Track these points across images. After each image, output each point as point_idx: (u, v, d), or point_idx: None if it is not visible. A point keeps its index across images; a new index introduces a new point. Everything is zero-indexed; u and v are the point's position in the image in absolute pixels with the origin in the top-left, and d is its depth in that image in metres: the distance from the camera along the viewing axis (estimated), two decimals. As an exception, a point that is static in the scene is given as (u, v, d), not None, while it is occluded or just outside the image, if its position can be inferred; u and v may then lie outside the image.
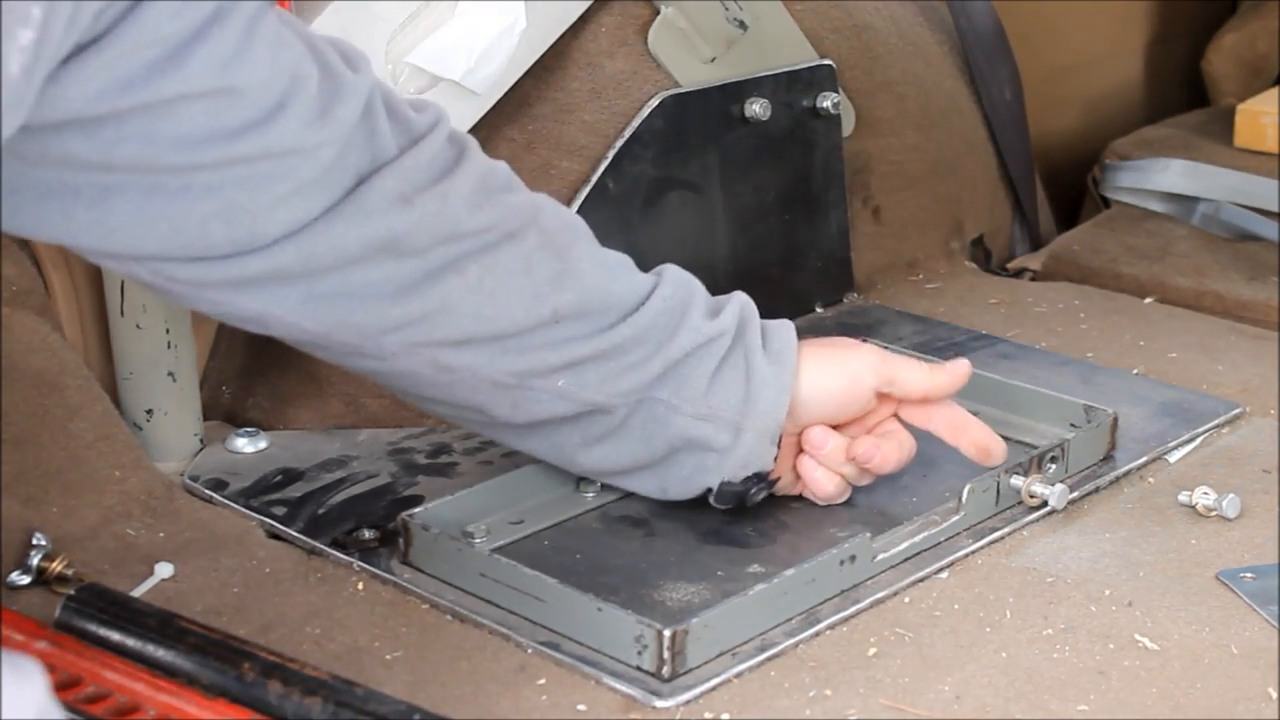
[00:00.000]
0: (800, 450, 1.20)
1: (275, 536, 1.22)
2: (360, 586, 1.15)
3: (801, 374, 1.17)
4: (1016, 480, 1.23)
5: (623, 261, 1.16)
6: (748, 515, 1.22)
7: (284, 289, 1.03)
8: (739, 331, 1.16)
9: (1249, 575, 1.15)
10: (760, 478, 1.18)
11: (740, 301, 1.18)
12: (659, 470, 1.17)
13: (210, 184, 0.96)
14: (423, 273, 1.06)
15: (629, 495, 1.25)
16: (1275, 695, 1.03)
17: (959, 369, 1.21)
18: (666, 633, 1.03)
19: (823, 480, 1.20)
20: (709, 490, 1.18)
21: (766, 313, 1.20)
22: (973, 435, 1.21)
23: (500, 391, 1.11)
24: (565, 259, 1.11)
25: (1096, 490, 1.27)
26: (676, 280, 1.16)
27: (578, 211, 1.37)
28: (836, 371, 1.18)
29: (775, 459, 1.17)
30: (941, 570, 1.17)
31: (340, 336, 1.07)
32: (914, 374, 1.20)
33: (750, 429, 1.15)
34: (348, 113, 1.01)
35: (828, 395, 1.18)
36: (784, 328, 1.19)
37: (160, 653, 1.01)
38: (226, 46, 0.93)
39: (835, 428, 1.19)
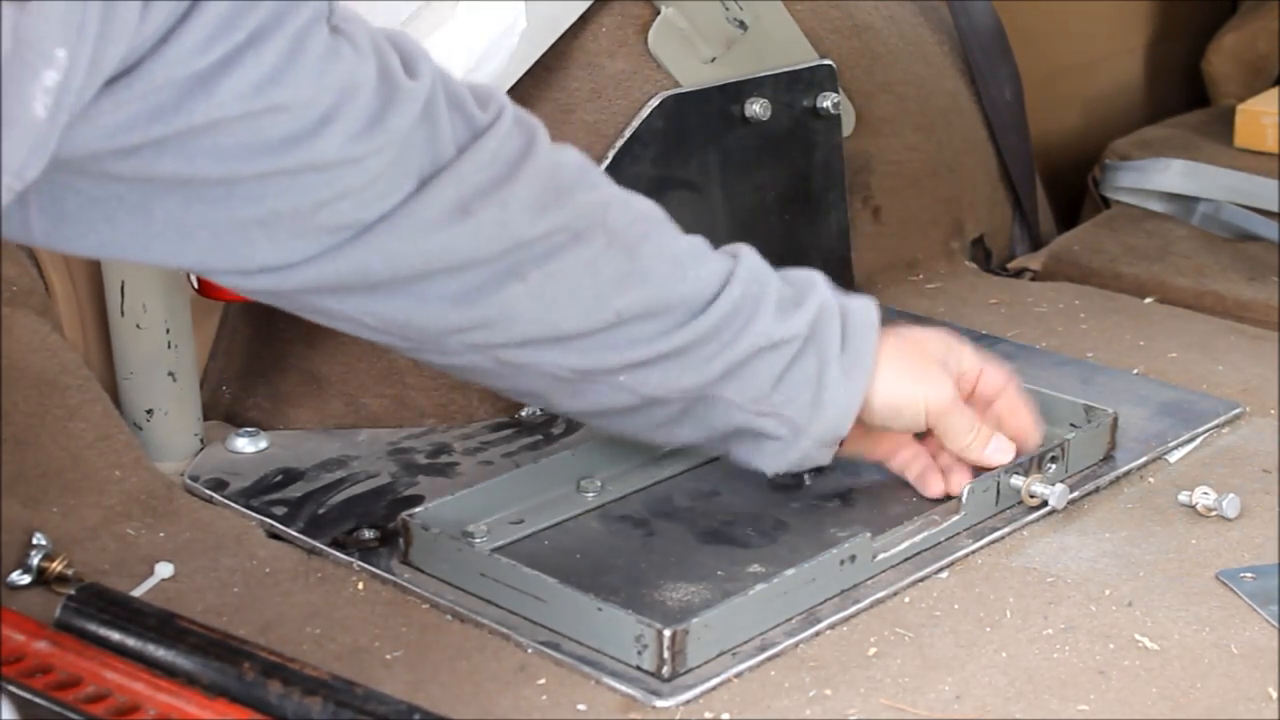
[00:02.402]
0: (864, 429, 1.21)
1: (275, 536, 1.22)
2: (360, 586, 1.15)
3: (875, 386, 1.16)
4: (1016, 480, 1.23)
5: (694, 252, 1.12)
6: (748, 515, 1.23)
7: (339, 297, 1.03)
8: (812, 334, 1.14)
9: (1249, 575, 1.15)
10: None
11: (819, 300, 1.15)
12: (717, 445, 1.19)
13: (252, 194, 0.95)
14: (481, 282, 1.04)
15: (629, 495, 1.25)
16: (1275, 695, 1.03)
17: (999, 456, 1.22)
18: (667, 632, 1.03)
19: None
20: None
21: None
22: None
23: (561, 384, 1.12)
24: (633, 257, 1.09)
25: (1096, 490, 1.27)
26: (749, 275, 1.13)
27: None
28: (909, 391, 1.18)
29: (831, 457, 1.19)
30: (941, 570, 1.17)
31: (401, 335, 1.07)
32: (958, 434, 1.20)
33: (812, 434, 1.15)
34: (401, 122, 0.99)
35: (896, 416, 1.18)
36: (864, 329, 1.16)
37: (160, 652, 1.02)
38: (262, 70, 0.91)
39: None
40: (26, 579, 1.13)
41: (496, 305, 1.05)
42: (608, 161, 1.44)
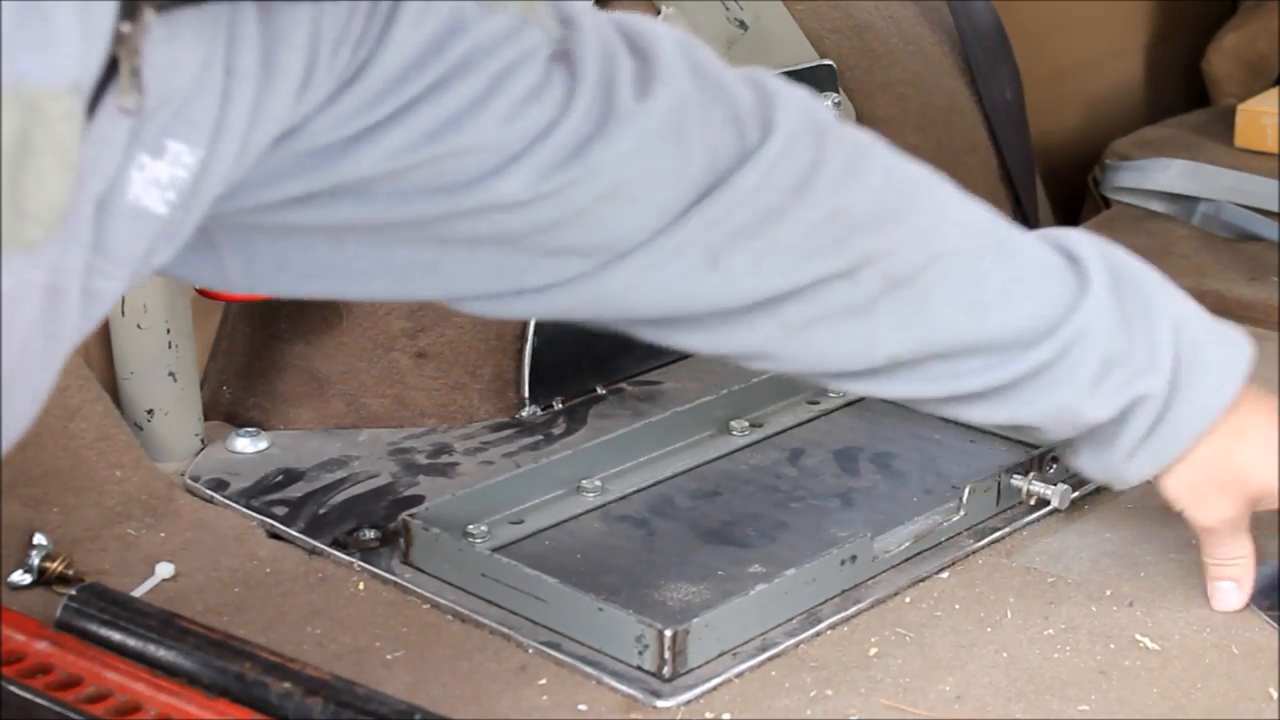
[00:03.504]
0: None
1: (276, 536, 1.22)
2: (361, 586, 1.15)
3: (1161, 479, 1.07)
4: (1017, 480, 1.22)
5: (1011, 289, 1.00)
6: (748, 515, 1.22)
7: (567, 318, 0.98)
8: (1120, 417, 1.03)
9: None
10: None
11: (1149, 386, 1.02)
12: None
13: (441, 231, 0.88)
14: (732, 324, 0.96)
15: (629, 495, 1.25)
16: (1275, 695, 1.03)
17: (1221, 601, 1.11)
18: (667, 633, 1.03)
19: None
20: None
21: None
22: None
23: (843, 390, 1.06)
24: (923, 299, 0.98)
25: (1097, 490, 1.27)
26: (1074, 333, 1.00)
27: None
28: (1185, 504, 1.08)
29: None
30: (942, 570, 1.17)
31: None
32: (1206, 551, 1.10)
33: (1089, 475, 1.11)
34: (610, 152, 0.88)
35: (1185, 514, 1.10)
36: (1180, 434, 1.04)
37: (161, 653, 1.01)
38: (439, 118, 0.84)
39: None
40: (27, 579, 1.13)
41: (754, 346, 0.98)
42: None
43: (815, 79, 1.57)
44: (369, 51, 0.82)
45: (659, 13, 1.49)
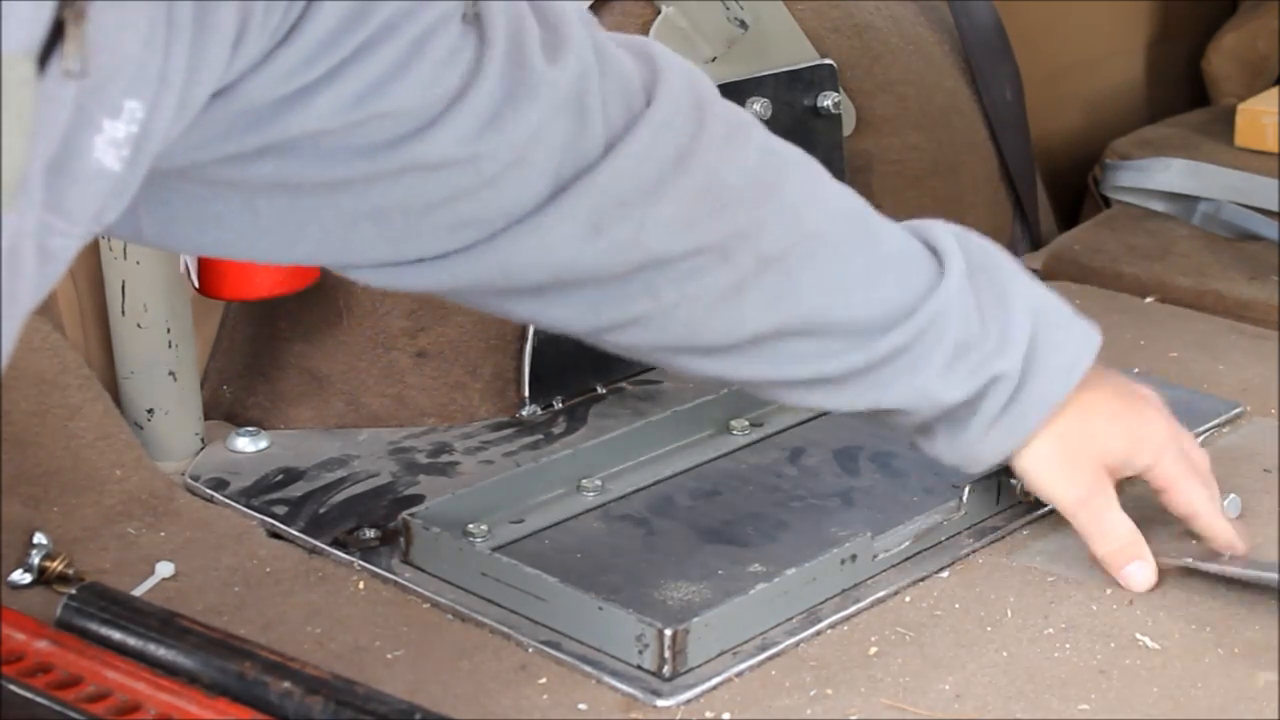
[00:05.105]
0: None
1: (276, 536, 1.22)
2: (361, 586, 1.15)
3: (1020, 458, 1.11)
4: (1017, 479, 1.22)
5: (874, 273, 1.03)
6: (748, 515, 1.22)
7: (460, 296, 1.00)
8: (975, 398, 1.06)
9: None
10: None
11: (1002, 368, 1.06)
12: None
13: (356, 192, 0.90)
14: (609, 296, 0.99)
15: (630, 494, 1.25)
16: (1276, 695, 1.03)
17: (1134, 581, 1.12)
18: (668, 632, 1.03)
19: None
20: None
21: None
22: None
23: (706, 376, 1.08)
24: (789, 278, 1.02)
25: (1097, 490, 1.27)
26: (930, 315, 1.04)
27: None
28: (1048, 482, 1.12)
29: None
30: (942, 569, 1.17)
31: (536, 325, 1.05)
32: (1092, 540, 1.13)
33: (945, 461, 1.13)
34: (525, 119, 0.91)
35: (1034, 492, 1.15)
36: (1034, 408, 1.08)
37: (161, 652, 1.02)
38: (365, 82, 0.86)
39: None
40: (27, 578, 1.13)
41: (626, 317, 1.00)
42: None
43: (815, 79, 1.57)
44: (300, 12, 0.84)
45: (659, 13, 1.49)
